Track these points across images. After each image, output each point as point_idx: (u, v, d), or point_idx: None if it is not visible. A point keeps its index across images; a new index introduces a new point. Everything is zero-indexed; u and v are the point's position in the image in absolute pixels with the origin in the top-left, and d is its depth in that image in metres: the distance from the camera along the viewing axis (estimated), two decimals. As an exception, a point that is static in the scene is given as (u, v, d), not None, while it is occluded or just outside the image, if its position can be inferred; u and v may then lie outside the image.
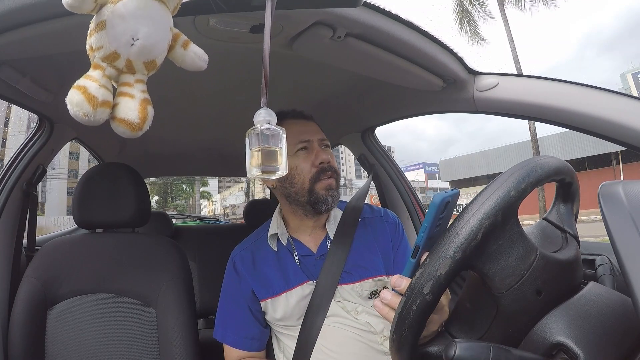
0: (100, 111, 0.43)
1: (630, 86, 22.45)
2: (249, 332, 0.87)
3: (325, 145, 0.89)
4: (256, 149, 0.41)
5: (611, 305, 0.45)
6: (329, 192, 0.84)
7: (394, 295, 0.50)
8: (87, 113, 0.42)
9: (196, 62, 0.50)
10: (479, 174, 23.38)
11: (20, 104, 0.91)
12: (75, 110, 0.42)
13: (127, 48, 0.44)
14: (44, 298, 0.91)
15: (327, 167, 0.85)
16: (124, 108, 0.45)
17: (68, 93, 0.42)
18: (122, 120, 0.45)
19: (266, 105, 0.43)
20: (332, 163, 0.86)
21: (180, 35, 0.49)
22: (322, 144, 0.88)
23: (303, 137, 0.86)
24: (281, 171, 0.42)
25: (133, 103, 0.46)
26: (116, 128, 0.46)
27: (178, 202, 32.64)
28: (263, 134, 0.41)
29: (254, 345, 0.87)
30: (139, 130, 0.46)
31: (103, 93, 0.43)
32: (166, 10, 0.45)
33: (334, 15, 0.62)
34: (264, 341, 0.90)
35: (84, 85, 0.42)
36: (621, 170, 17.94)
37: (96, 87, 0.43)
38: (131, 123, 0.45)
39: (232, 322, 0.88)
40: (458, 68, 0.81)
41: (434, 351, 0.49)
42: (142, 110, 0.46)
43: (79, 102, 0.41)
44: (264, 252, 0.90)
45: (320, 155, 0.86)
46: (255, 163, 0.41)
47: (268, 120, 0.42)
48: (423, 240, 0.47)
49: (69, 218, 16.32)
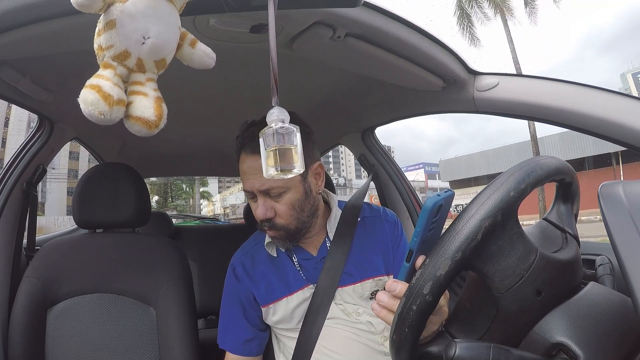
0: (116, 109, 0.42)
1: (630, 86, 22.45)
2: (247, 337, 0.87)
3: (265, 192, 0.79)
4: (272, 149, 0.41)
5: (611, 305, 0.45)
6: (274, 239, 0.84)
7: (391, 297, 0.50)
8: (103, 112, 0.41)
9: (205, 60, 0.50)
10: (479, 174, 23.38)
11: (20, 104, 0.91)
12: (90, 109, 0.41)
13: (138, 47, 0.44)
14: (44, 298, 0.91)
15: (264, 224, 0.81)
16: (139, 106, 0.45)
17: (80, 93, 0.41)
18: (138, 118, 0.44)
19: (278, 104, 0.42)
20: (267, 215, 0.79)
21: (188, 34, 0.49)
22: (262, 192, 0.79)
23: (246, 186, 0.81)
24: (298, 169, 0.42)
25: (148, 101, 0.45)
26: (131, 127, 0.45)
27: (178, 202, 32.64)
28: (278, 133, 0.41)
29: (253, 350, 0.88)
30: (155, 127, 0.45)
31: (117, 92, 0.43)
32: (174, 9, 0.45)
33: (334, 15, 0.62)
34: (262, 346, 0.90)
35: (98, 84, 0.42)
36: (621, 170, 17.94)
37: (110, 86, 0.42)
38: (147, 121, 0.45)
39: (231, 327, 0.88)
40: (458, 68, 0.81)
41: (434, 351, 0.50)
42: (158, 108, 0.46)
43: (94, 101, 0.41)
44: (264, 257, 0.89)
45: (257, 212, 0.81)
46: (272, 163, 0.41)
47: (282, 119, 0.41)
48: (417, 244, 0.47)
49: (69, 218, 16.32)
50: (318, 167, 0.84)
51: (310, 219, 0.83)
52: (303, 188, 0.80)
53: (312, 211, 0.83)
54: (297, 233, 0.83)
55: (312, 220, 0.85)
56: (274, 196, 0.79)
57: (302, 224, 0.82)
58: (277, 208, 0.79)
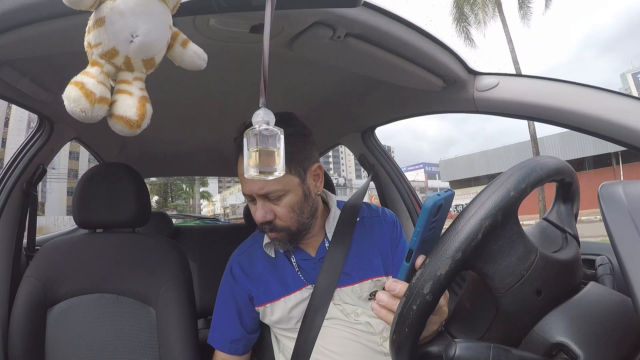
0: (98, 107, 0.42)
1: (630, 86, 22.44)
2: (234, 337, 0.89)
3: (264, 196, 0.78)
4: (254, 150, 0.41)
5: (611, 305, 0.45)
6: (274, 241, 0.84)
7: (390, 296, 0.50)
8: (84, 109, 0.41)
9: (195, 61, 0.50)
10: (479, 174, 23.38)
11: (20, 104, 0.91)
12: (72, 106, 0.41)
13: (126, 45, 0.43)
14: (44, 298, 0.91)
15: (264, 226, 0.81)
16: (121, 105, 0.44)
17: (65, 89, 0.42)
18: (120, 117, 0.44)
19: (265, 106, 0.42)
20: (266, 218, 0.79)
21: (180, 34, 0.49)
22: (261, 196, 0.78)
23: (245, 190, 0.80)
24: (278, 172, 0.42)
25: (131, 100, 0.45)
26: (114, 125, 0.45)
27: (178, 202, 32.64)
28: (261, 135, 0.41)
29: (238, 350, 0.89)
30: (137, 127, 0.45)
31: (101, 89, 0.42)
32: (165, 8, 0.45)
33: (334, 15, 0.62)
34: (248, 347, 0.92)
35: (82, 81, 0.42)
36: (621, 170, 17.94)
37: (94, 83, 0.42)
38: (129, 120, 0.44)
39: (221, 326, 0.90)
40: (458, 68, 0.81)
41: (434, 351, 0.50)
42: (141, 108, 0.45)
43: (76, 98, 0.41)
44: (262, 257, 0.90)
45: (256, 215, 0.80)
46: (253, 163, 0.41)
47: (267, 121, 0.41)
48: (416, 244, 0.47)
49: (69, 218, 16.32)
50: (317, 168, 0.84)
51: (310, 220, 0.83)
52: (302, 190, 0.80)
53: (311, 212, 0.83)
54: (298, 234, 0.83)
55: (311, 221, 0.84)
56: (273, 199, 0.78)
57: (302, 226, 0.82)
58: (276, 211, 0.79)
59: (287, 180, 0.77)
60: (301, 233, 0.83)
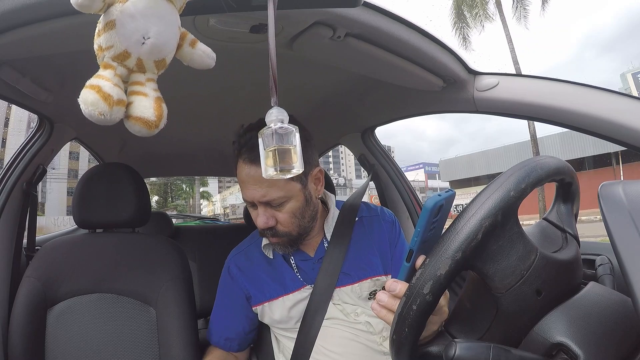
0: (116, 110, 0.42)
1: (630, 86, 22.43)
2: (229, 336, 0.90)
3: (265, 203, 0.77)
4: (271, 149, 0.41)
5: (611, 305, 0.45)
6: (275, 244, 0.84)
7: (390, 296, 0.50)
8: (103, 112, 0.41)
9: (205, 60, 0.50)
10: (479, 174, 23.38)
11: (20, 104, 0.91)
12: (90, 109, 0.41)
13: (138, 47, 0.44)
14: (44, 298, 0.91)
15: (266, 232, 0.81)
16: (138, 106, 0.45)
17: (80, 93, 0.41)
18: (138, 118, 0.44)
19: (277, 105, 0.42)
20: (268, 225, 0.78)
21: (187, 34, 0.49)
22: (262, 202, 0.77)
23: (246, 196, 0.79)
24: (297, 169, 0.42)
25: (147, 101, 0.45)
26: (131, 127, 0.45)
27: (178, 202, 32.65)
28: (277, 133, 0.41)
29: (233, 347, 0.91)
30: (155, 128, 0.45)
31: (117, 92, 0.43)
32: (173, 9, 0.45)
33: (334, 15, 0.62)
34: (243, 345, 0.93)
35: (97, 84, 0.42)
36: (621, 170, 17.94)
37: (110, 86, 0.42)
38: (147, 121, 0.45)
39: (217, 323, 0.92)
40: (458, 68, 0.81)
41: (434, 351, 0.50)
42: (158, 108, 0.46)
43: (94, 102, 0.41)
44: (260, 257, 0.90)
45: (257, 222, 0.80)
46: (271, 163, 0.41)
47: (281, 119, 0.42)
48: (417, 244, 0.47)
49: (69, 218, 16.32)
50: (318, 172, 0.84)
51: (310, 223, 0.84)
52: (304, 196, 0.79)
53: (312, 216, 0.83)
54: (299, 238, 0.83)
55: (312, 224, 0.85)
56: (275, 206, 0.78)
57: (303, 230, 0.82)
58: (278, 217, 0.79)
59: (289, 187, 0.76)
60: (302, 237, 0.83)
